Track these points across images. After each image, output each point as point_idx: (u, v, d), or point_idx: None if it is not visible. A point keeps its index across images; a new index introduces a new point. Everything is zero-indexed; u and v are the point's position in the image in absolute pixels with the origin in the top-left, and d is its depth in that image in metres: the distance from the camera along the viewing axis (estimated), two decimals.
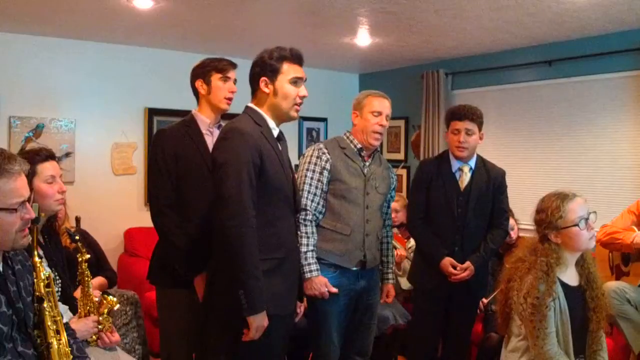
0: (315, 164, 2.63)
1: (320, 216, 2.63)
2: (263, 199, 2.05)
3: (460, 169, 2.94)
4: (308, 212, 2.57)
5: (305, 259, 2.50)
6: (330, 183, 2.63)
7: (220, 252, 2.06)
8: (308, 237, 2.53)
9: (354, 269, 2.65)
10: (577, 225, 2.21)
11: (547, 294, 2.17)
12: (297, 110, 2.20)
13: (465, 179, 2.92)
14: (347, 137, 2.75)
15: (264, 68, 2.14)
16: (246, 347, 2.04)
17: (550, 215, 2.26)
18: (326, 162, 2.63)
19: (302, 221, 2.53)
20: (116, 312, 2.95)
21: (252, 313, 1.96)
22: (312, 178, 2.61)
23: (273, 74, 2.13)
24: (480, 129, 2.92)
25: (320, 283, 2.52)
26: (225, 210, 1.96)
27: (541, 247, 2.29)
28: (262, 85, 2.14)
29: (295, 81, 2.15)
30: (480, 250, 2.91)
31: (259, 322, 1.98)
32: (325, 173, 2.62)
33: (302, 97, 2.19)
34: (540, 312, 2.15)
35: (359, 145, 2.70)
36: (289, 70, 2.14)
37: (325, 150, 2.65)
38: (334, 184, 2.63)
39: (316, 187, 2.61)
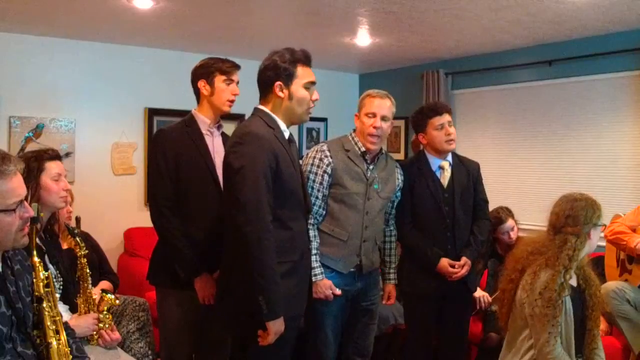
0: (318, 166, 2.58)
1: (320, 219, 2.60)
2: (278, 202, 2.02)
3: (440, 167, 2.91)
4: (310, 215, 2.51)
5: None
6: (332, 187, 2.59)
7: (236, 257, 2.03)
8: (311, 241, 2.49)
9: (352, 270, 2.63)
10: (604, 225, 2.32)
11: (563, 289, 2.18)
12: (309, 114, 2.19)
13: (446, 175, 2.91)
14: (352, 139, 2.68)
15: (279, 72, 2.09)
16: (257, 348, 2.02)
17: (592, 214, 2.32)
18: (327, 165, 2.57)
19: None
20: (129, 318, 2.97)
21: (272, 318, 1.94)
22: (314, 181, 2.57)
23: (288, 78, 2.09)
24: None
25: (325, 286, 2.52)
26: (243, 216, 1.93)
27: (573, 241, 2.26)
28: (276, 89, 2.10)
29: (309, 86, 2.14)
30: (471, 244, 2.90)
31: (278, 326, 1.96)
32: (327, 177, 2.57)
33: (315, 101, 2.18)
34: (557, 307, 2.16)
35: (363, 149, 2.64)
36: (303, 74, 2.12)
37: (328, 153, 2.60)
38: (335, 188, 2.59)
39: (317, 190, 2.57)
